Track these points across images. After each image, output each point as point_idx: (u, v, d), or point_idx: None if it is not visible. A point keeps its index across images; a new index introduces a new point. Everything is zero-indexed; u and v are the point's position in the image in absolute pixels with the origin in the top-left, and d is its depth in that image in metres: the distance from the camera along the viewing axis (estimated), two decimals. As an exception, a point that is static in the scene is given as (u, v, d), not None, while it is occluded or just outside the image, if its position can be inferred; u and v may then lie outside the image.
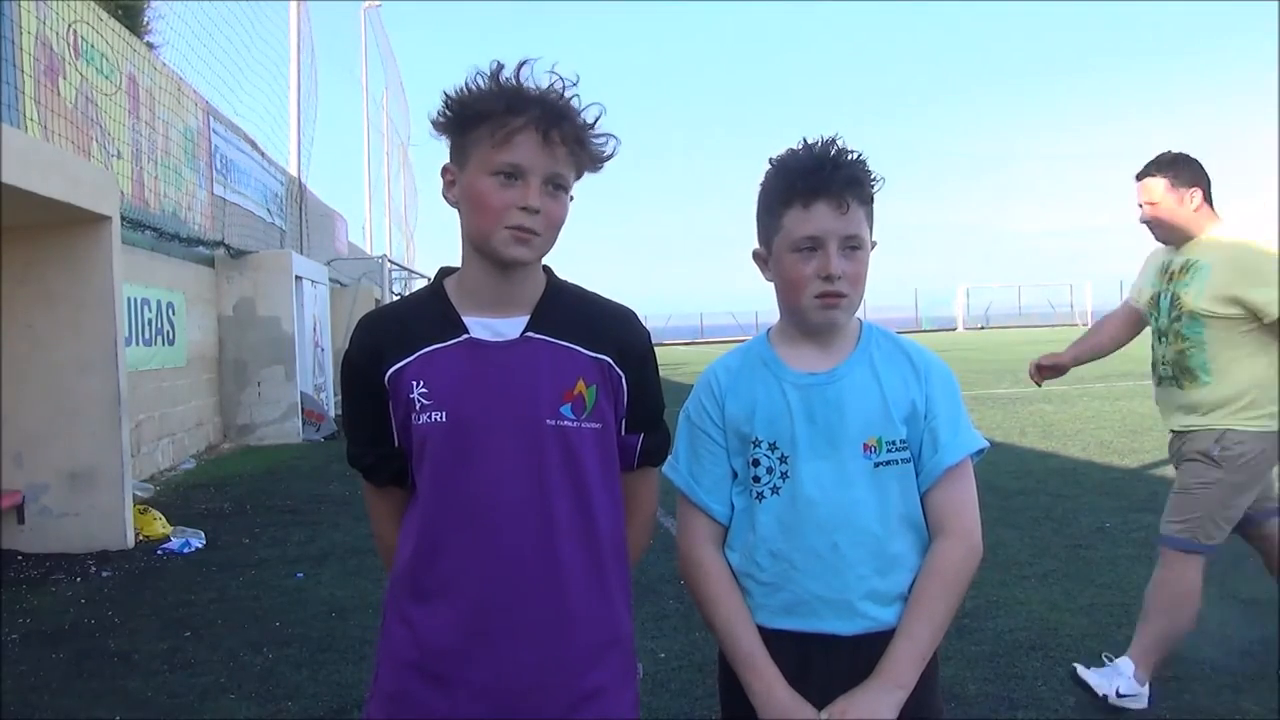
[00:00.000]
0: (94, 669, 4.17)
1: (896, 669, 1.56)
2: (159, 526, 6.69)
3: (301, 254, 14.17)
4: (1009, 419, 11.67)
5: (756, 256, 1.72)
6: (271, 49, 15.37)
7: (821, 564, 1.59)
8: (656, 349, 1.71)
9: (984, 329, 50.63)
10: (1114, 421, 11.07)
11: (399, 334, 1.57)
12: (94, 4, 8.26)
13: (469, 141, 1.51)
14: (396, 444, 1.58)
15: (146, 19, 11.62)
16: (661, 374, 1.74)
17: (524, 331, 1.55)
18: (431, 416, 1.52)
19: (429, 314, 1.58)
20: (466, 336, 1.54)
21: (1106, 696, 3.33)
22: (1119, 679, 3.34)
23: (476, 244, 1.54)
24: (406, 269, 24.04)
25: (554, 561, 1.52)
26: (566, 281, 1.65)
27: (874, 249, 1.69)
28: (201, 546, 6.41)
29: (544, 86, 1.49)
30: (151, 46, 10.74)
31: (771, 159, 1.68)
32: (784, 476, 1.62)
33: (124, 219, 7.18)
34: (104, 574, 5.81)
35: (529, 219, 1.49)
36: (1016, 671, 3.73)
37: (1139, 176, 3.49)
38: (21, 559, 6.19)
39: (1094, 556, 5.36)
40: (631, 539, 1.67)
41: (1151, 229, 3.48)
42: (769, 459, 1.63)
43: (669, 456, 1.75)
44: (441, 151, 1.59)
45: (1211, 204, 3.42)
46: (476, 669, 1.51)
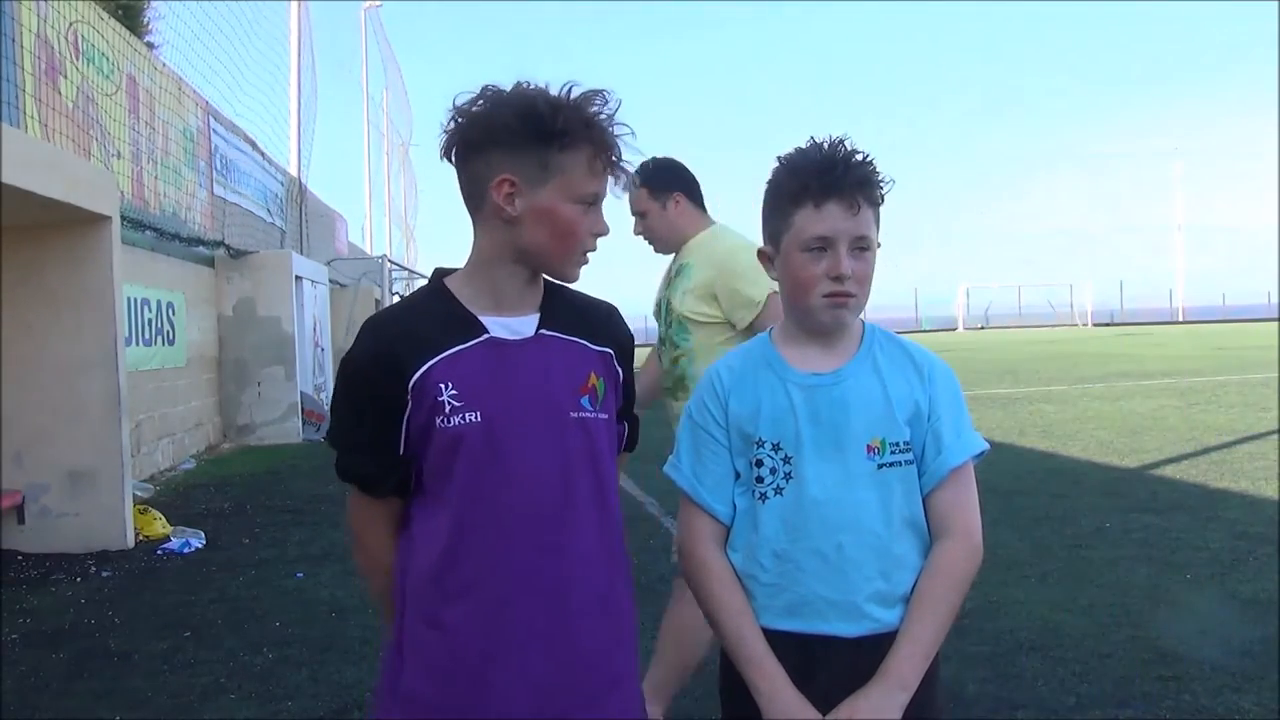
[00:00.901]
0: (94, 669, 4.16)
1: (900, 670, 1.56)
2: (159, 526, 6.68)
3: (301, 254, 14.18)
4: (1009, 419, 11.67)
5: (762, 255, 1.72)
6: (271, 49, 15.40)
7: (826, 565, 1.59)
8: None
9: (984, 329, 50.67)
10: (1114, 421, 11.08)
11: (416, 338, 1.53)
12: (94, 4, 8.26)
13: (550, 161, 1.50)
14: (402, 451, 1.54)
15: (146, 19, 11.64)
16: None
17: (537, 329, 1.58)
18: (465, 418, 1.50)
19: (444, 315, 1.56)
20: (487, 336, 1.55)
21: None
22: None
23: (538, 260, 1.57)
24: (406, 269, 24.05)
25: (581, 551, 1.55)
26: (553, 281, 1.65)
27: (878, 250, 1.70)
28: (201, 546, 6.41)
29: (615, 115, 1.53)
30: (151, 46, 10.75)
31: (780, 157, 1.67)
32: (788, 477, 1.62)
33: (124, 219, 7.18)
34: (104, 574, 5.81)
35: (594, 243, 1.58)
36: (1016, 671, 3.73)
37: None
38: (21, 559, 6.19)
39: (1094, 556, 5.37)
40: None
41: (648, 241, 3.31)
42: (772, 459, 1.63)
43: (671, 456, 1.76)
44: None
45: (700, 204, 3.26)
46: (515, 666, 1.51)
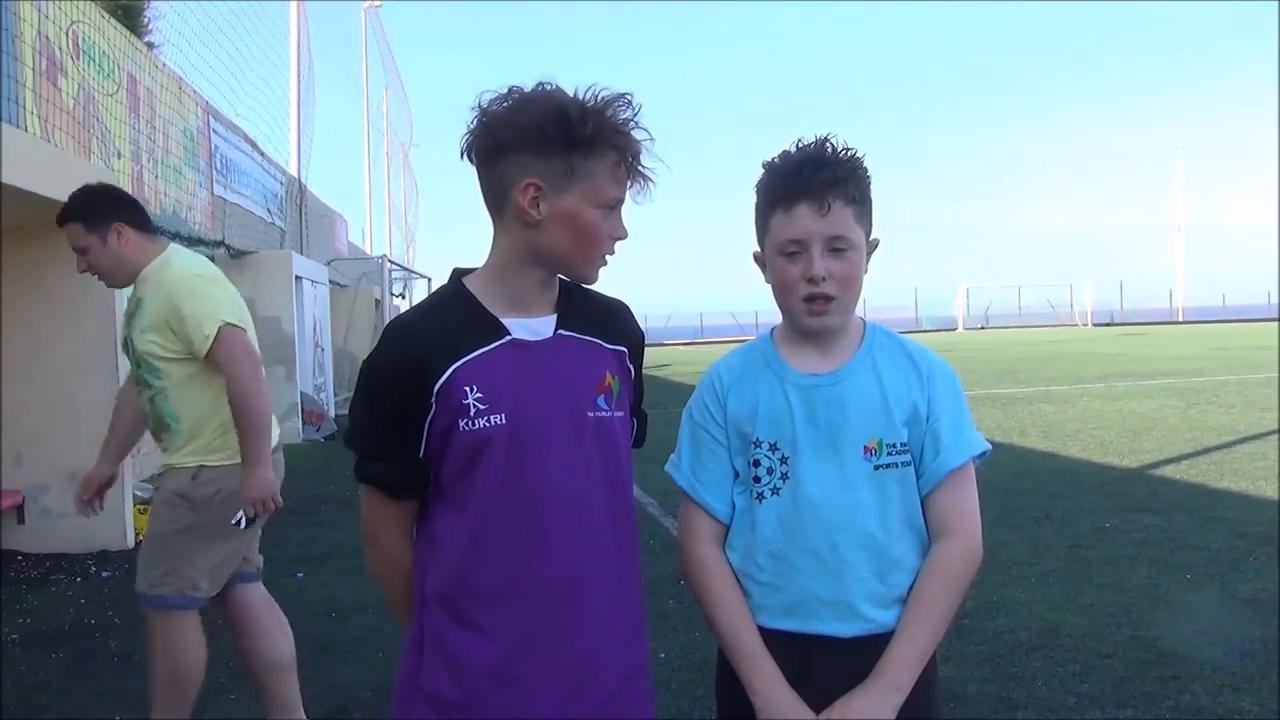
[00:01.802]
0: (94, 669, 4.17)
1: (895, 670, 1.56)
2: (159, 526, 6.68)
3: (301, 254, 14.17)
4: (1009, 419, 11.67)
5: (756, 258, 1.73)
6: (271, 49, 15.39)
7: (821, 565, 1.59)
8: (657, 348, 1.73)
9: (984, 329, 50.65)
10: (1114, 421, 11.08)
11: (440, 342, 1.53)
12: (94, 4, 8.26)
13: (576, 167, 1.49)
14: (421, 453, 1.54)
15: (146, 19, 11.65)
16: (662, 373, 1.75)
17: (556, 329, 1.58)
18: (490, 420, 1.50)
19: (465, 318, 1.55)
20: (510, 338, 1.55)
21: None
22: None
23: (560, 263, 1.57)
24: (406, 269, 24.04)
25: (599, 548, 1.56)
26: (565, 279, 1.65)
27: (876, 247, 1.68)
28: (201, 546, 6.40)
29: (634, 124, 1.53)
30: (151, 46, 10.75)
31: (764, 162, 1.68)
32: (784, 477, 1.62)
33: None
34: (104, 574, 5.81)
35: (612, 247, 1.59)
36: (1016, 671, 3.74)
37: (60, 223, 3.10)
38: (21, 559, 6.19)
39: (1094, 556, 5.37)
40: None
41: (99, 277, 3.15)
42: (769, 459, 1.63)
43: (672, 455, 1.76)
44: (442, 152, 1.58)
45: (148, 230, 3.13)
46: (543, 664, 1.52)
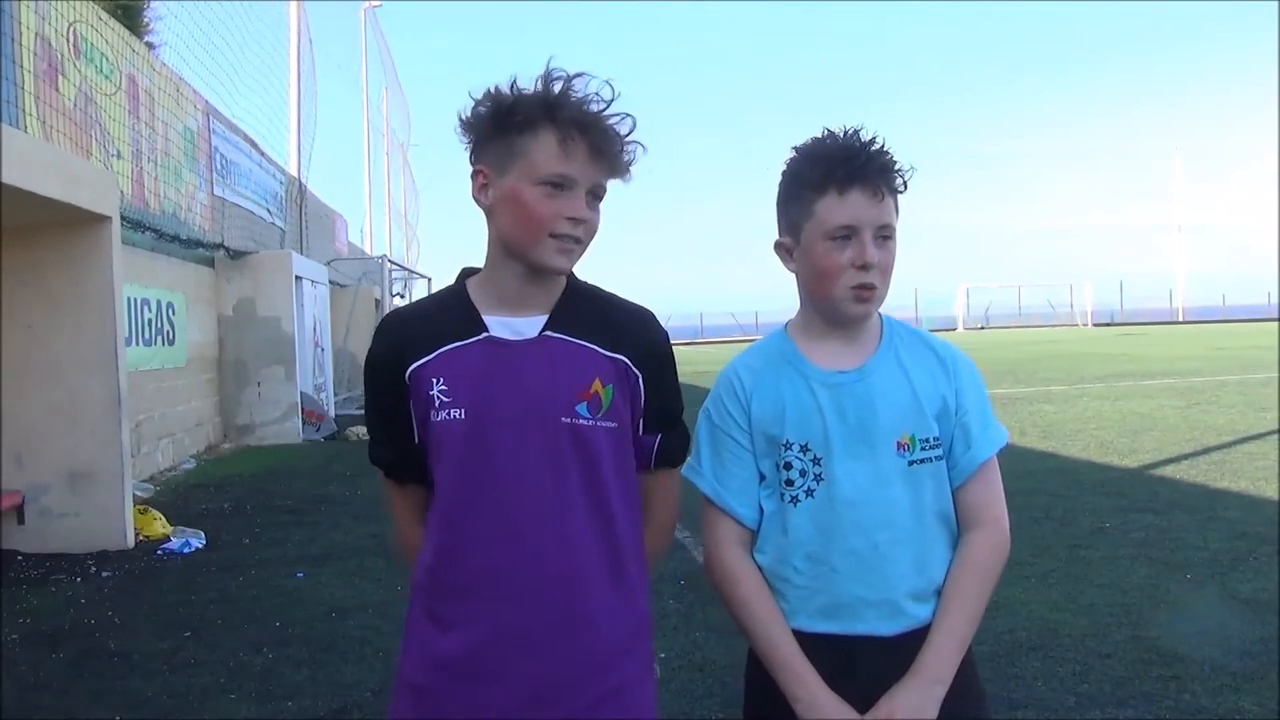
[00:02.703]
0: (94, 669, 4.16)
1: (935, 664, 1.55)
2: (159, 526, 6.69)
3: (301, 254, 14.17)
4: (1009, 419, 11.67)
5: (779, 247, 1.67)
6: (271, 49, 15.38)
7: (862, 565, 1.56)
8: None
9: (984, 329, 50.65)
10: (1114, 421, 11.08)
11: (421, 332, 1.58)
12: (94, 4, 8.26)
13: (513, 147, 1.50)
14: (416, 440, 1.59)
15: (146, 19, 11.62)
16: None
17: (542, 331, 1.56)
18: (450, 414, 1.53)
19: (451, 313, 1.59)
20: (486, 335, 1.56)
21: None
22: None
23: (514, 250, 1.54)
24: (406, 269, 24.04)
25: (573, 560, 1.53)
26: (585, 283, 1.65)
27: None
28: (201, 546, 6.41)
29: (590, 96, 1.50)
30: (151, 46, 10.74)
31: (796, 147, 1.64)
32: (818, 479, 1.58)
33: (124, 219, 7.18)
34: (104, 574, 5.81)
35: (575, 229, 1.51)
36: (1016, 671, 3.73)
37: None
38: (21, 559, 6.19)
39: (1094, 556, 5.36)
40: (649, 541, 1.66)
41: None
42: (801, 461, 1.60)
43: (690, 459, 1.72)
44: (441, 153, 1.59)
45: None
46: (503, 666, 1.52)
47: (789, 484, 1.60)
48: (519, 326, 1.56)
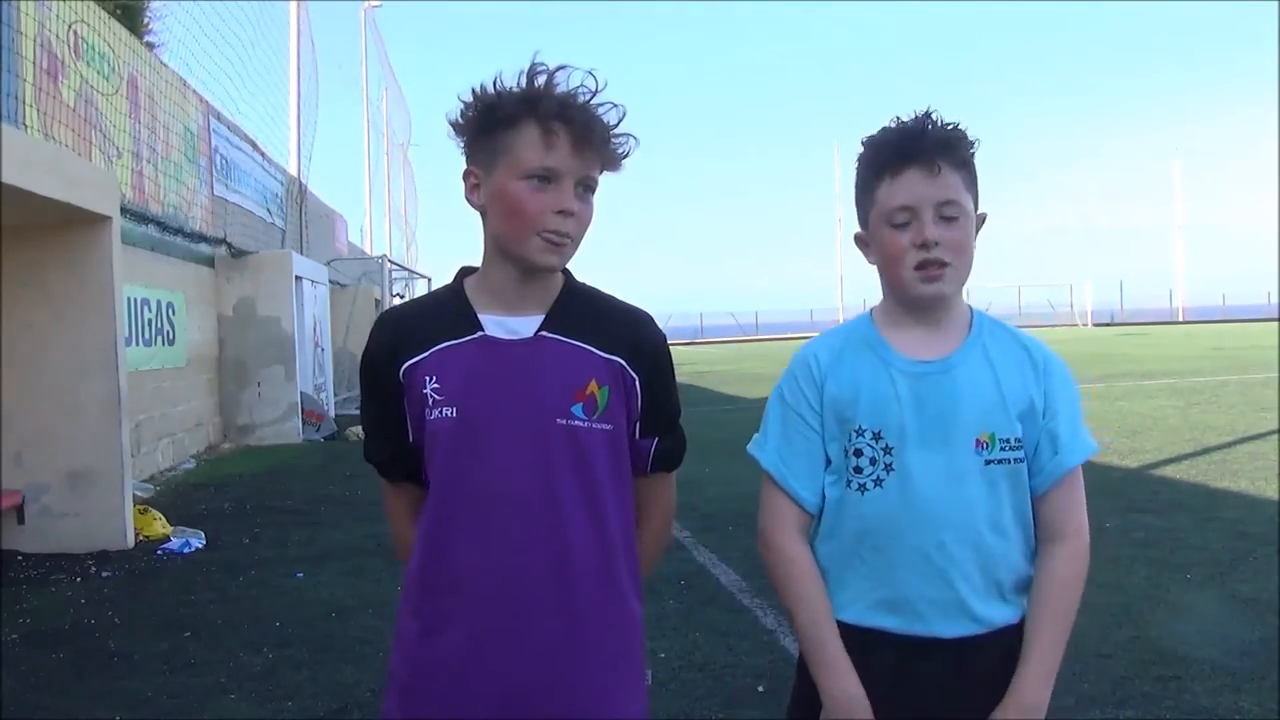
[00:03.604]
0: (94, 669, 4.16)
1: (1032, 691, 1.52)
2: (159, 526, 6.68)
3: (301, 254, 14.17)
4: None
5: (858, 240, 1.64)
6: (272, 49, 15.39)
7: (927, 563, 1.52)
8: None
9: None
10: (1114, 421, 11.07)
11: (416, 331, 1.58)
12: (94, 4, 8.26)
13: (498, 144, 1.50)
14: (411, 440, 1.59)
15: (147, 19, 11.62)
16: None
17: (538, 330, 1.55)
18: (443, 412, 1.53)
19: (447, 312, 1.59)
20: (481, 334, 1.55)
21: None
22: None
23: (506, 248, 1.53)
24: (406, 269, 24.04)
25: (564, 562, 1.52)
26: (583, 284, 1.64)
27: (983, 222, 1.60)
28: (201, 546, 6.41)
29: (574, 89, 1.49)
30: (151, 46, 10.74)
31: (864, 139, 1.61)
32: (888, 469, 1.53)
33: (124, 211, 7.18)
34: (104, 574, 5.81)
35: (564, 223, 1.49)
36: (1016, 671, 3.73)
37: None
38: (21, 559, 6.18)
39: (1094, 556, 5.31)
40: (644, 545, 1.65)
41: None
42: (872, 449, 1.54)
43: (756, 435, 1.68)
44: (441, 153, 1.60)
45: None
46: (487, 667, 1.51)
47: (857, 471, 1.55)
48: (514, 326, 1.55)
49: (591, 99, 1.49)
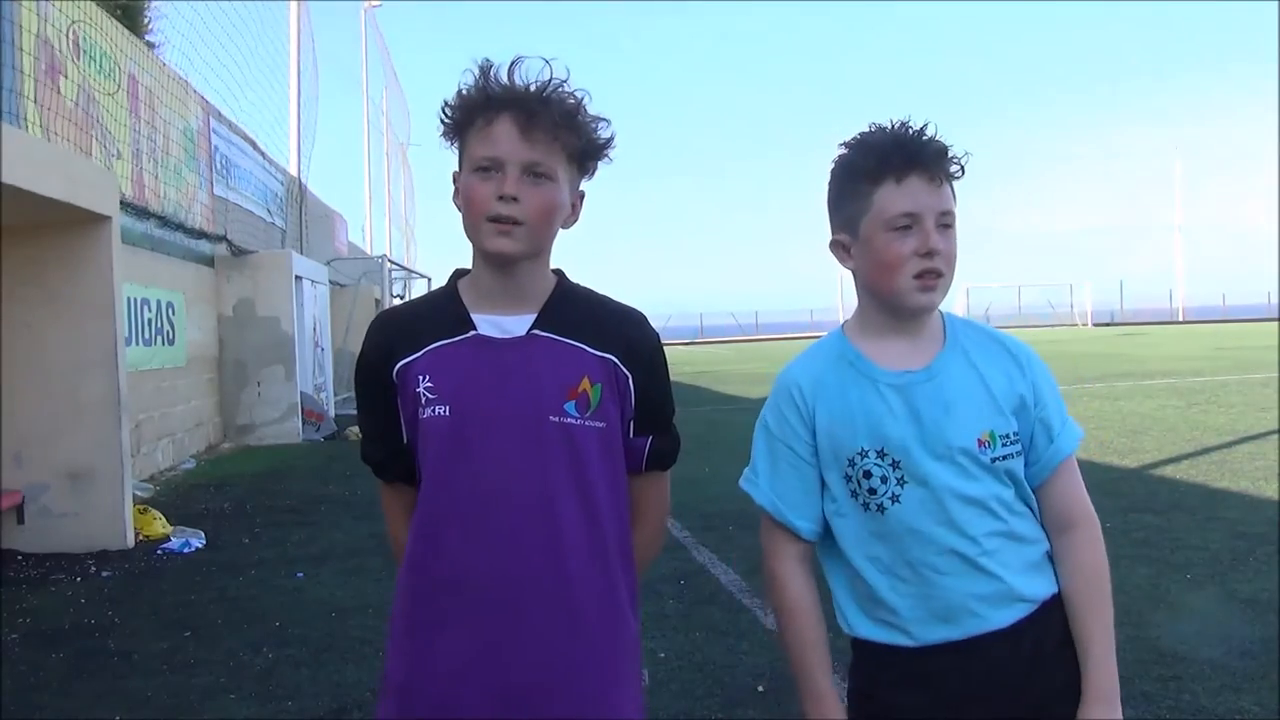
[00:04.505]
0: (94, 669, 4.17)
1: (1103, 681, 1.56)
2: (159, 526, 6.69)
3: (301, 254, 14.17)
4: (1009, 419, 11.66)
5: (836, 245, 1.62)
6: (272, 49, 15.40)
7: (965, 563, 1.52)
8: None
9: (984, 328, 50.49)
10: (1114, 421, 11.07)
11: (409, 331, 1.59)
12: (94, 4, 8.26)
13: (464, 144, 1.55)
14: (405, 440, 1.59)
15: (147, 19, 11.61)
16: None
17: (530, 329, 1.55)
18: (436, 411, 1.53)
19: (440, 312, 1.60)
20: (474, 333, 1.55)
21: None
22: None
23: (470, 241, 1.56)
24: (406, 269, 24.04)
25: (557, 561, 1.52)
26: (576, 284, 1.64)
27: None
28: (201, 546, 6.41)
29: (528, 80, 1.51)
30: (152, 46, 10.74)
31: (845, 142, 1.59)
32: (901, 482, 1.53)
33: (124, 205, 7.18)
34: (104, 574, 5.81)
35: (506, 208, 1.49)
36: (1016, 671, 3.73)
37: None
38: (21, 559, 6.19)
39: (1094, 556, 5.36)
40: (639, 544, 1.65)
41: None
42: (881, 467, 1.54)
43: (747, 470, 1.68)
44: (440, 153, 1.61)
45: None
46: (482, 667, 1.51)
47: (872, 492, 1.55)
48: (507, 325, 1.56)
49: (546, 89, 1.50)
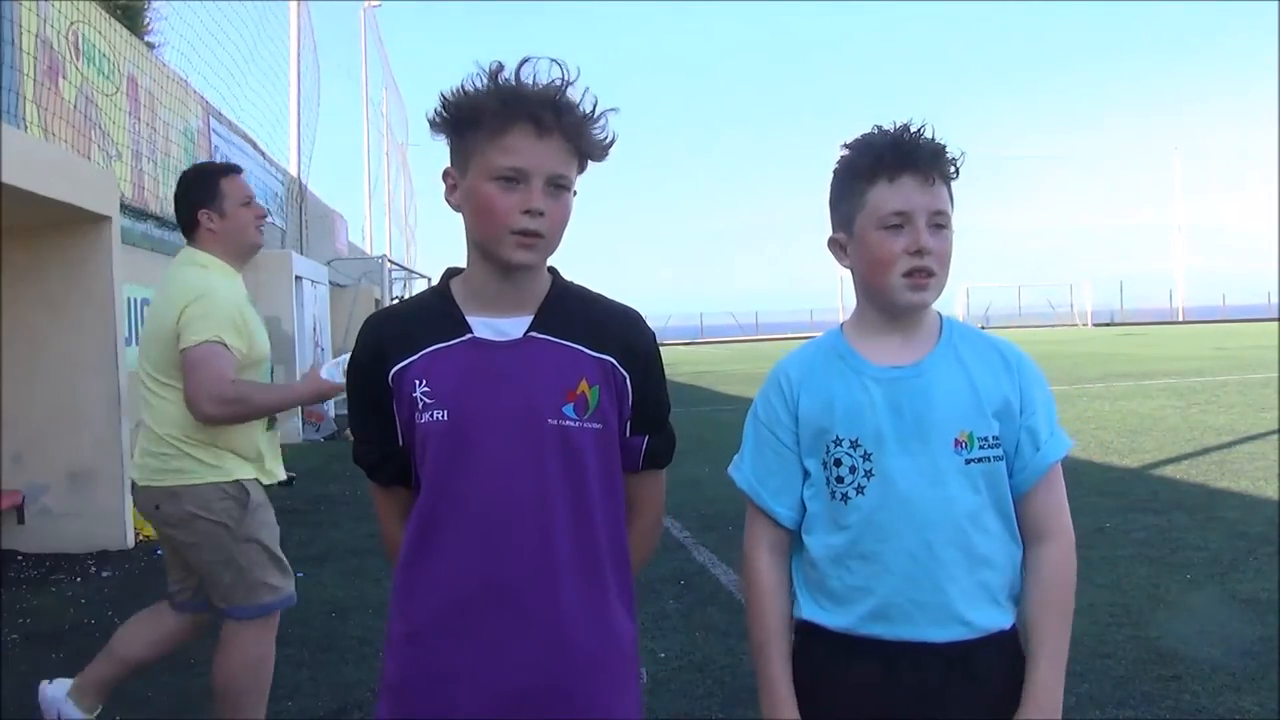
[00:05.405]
0: (94, 669, 4.16)
1: (1044, 695, 1.57)
2: (159, 526, 6.68)
3: (301, 254, 14.17)
4: (1009, 419, 11.65)
5: (834, 243, 1.65)
6: (272, 49, 15.39)
7: (915, 565, 1.52)
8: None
9: (984, 329, 50.43)
10: (1114, 421, 11.08)
11: (404, 334, 1.57)
12: (94, 4, 8.26)
13: (468, 145, 1.50)
14: (401, 442, 1.58)
15: (147, 19, 11.61)
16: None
17: (527, 331, 1.55)
18: (433, 415, 1.52)
19: (434, 314, 1.58)
20: (470, 336, 1.54)
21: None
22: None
23: (481, 248, 1.54)
24: (406, 269, 24.03)
25: (552, 562, 1.51)
26: (572, 283, 1.63)
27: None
28: (201, 546, 6.40)
29: (542, 83, 1.47)
30: (152, 46, 10.74)
31: (846, 143, 1.62)
32: (869, 475, 1.54)
33: (123, 205, 7.18)
34: (104, 574, 5.81)
35: (533, 222, 1.47)
36: (1016, 671, 3.73)
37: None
38: (21, 559, 6.19)
39: (1094, 556, 5.35)
40: (635, 543, 1.65)
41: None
42: (851, 457, 1.55)
43: (736, 456, 1.70)
44: (440, 153, 1.59)
45: None
46: (474, 668, 1.51)
47: (839, 481, 1.56)
48: (504, 327, 1.55)
49: (561, 93, 1.47)
